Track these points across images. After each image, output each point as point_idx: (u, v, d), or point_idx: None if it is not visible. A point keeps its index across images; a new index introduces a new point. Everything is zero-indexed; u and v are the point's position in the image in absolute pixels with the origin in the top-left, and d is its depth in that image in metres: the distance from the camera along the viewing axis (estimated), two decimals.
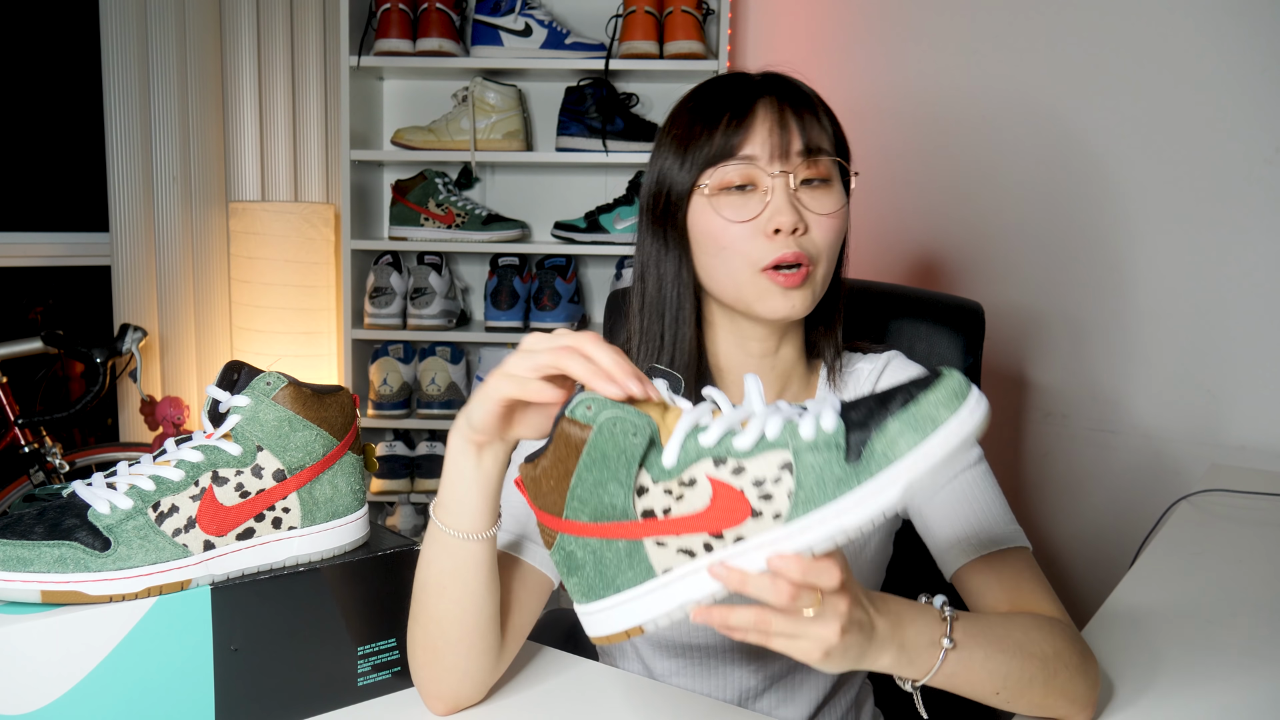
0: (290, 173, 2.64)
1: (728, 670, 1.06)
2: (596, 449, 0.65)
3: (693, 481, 0.65)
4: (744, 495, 0.64)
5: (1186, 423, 1.99)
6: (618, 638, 0.67)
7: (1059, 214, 2.10)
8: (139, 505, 0.78)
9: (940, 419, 0.61)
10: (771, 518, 0.63)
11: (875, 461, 0.61)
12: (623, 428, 0.65)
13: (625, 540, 0.66)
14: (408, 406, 2.51)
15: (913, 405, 0.62)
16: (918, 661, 0.73)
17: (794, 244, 0.93)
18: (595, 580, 0.67)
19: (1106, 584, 1.27)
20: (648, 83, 2.55)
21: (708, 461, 0.64)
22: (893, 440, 0.61)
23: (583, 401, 0.66)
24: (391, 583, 0.90)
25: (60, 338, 2.20)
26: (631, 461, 0.65)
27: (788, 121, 0.94)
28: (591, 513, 0.66)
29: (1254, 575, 1.25)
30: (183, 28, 2.49)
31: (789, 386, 1.05)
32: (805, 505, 0.63)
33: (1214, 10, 1.90)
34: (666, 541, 0.65)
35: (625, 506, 0.65)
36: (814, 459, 0.63)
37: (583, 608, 0.68)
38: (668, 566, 0.65)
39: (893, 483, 0.61)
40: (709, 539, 0.65)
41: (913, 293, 1.39)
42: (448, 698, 0.86)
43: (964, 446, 0.61)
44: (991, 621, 0.80)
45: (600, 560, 0.66)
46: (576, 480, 0.65)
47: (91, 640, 0.75)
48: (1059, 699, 0.81)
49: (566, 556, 0.67)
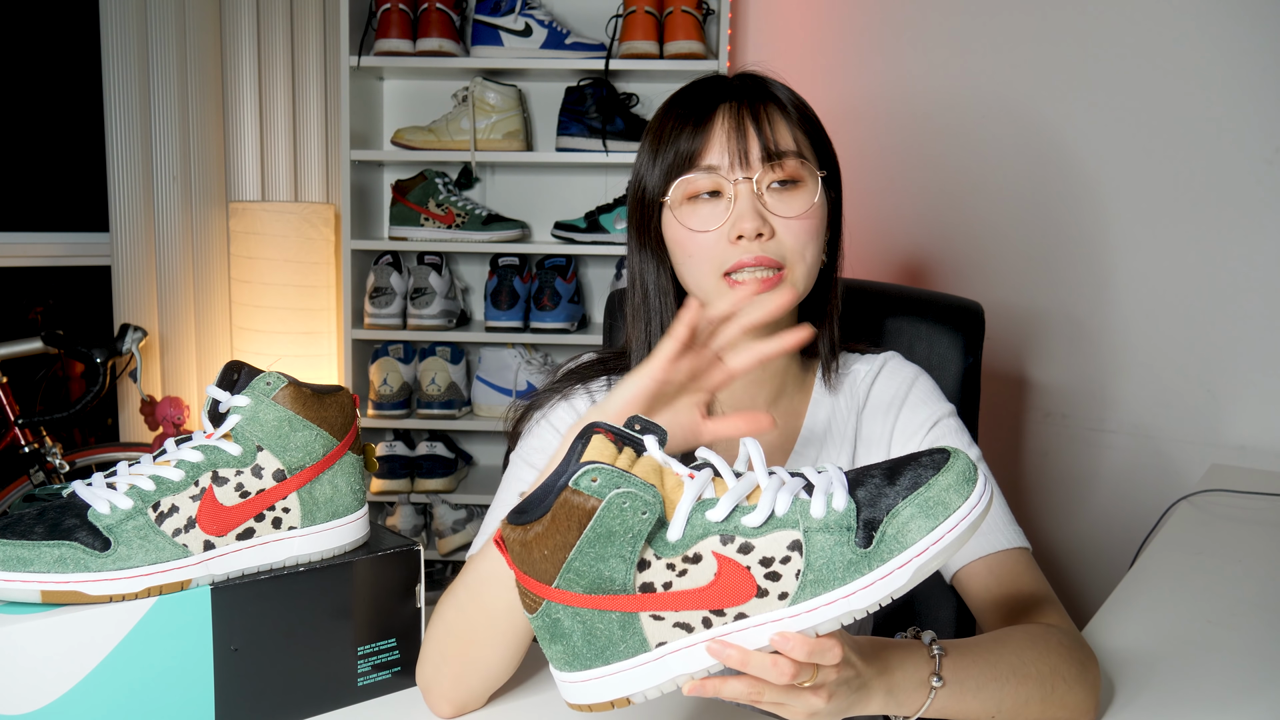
0: (290, 173, 2.64)
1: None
2: (603, 524, 0.61)
3: (698, 558, 0.63)
4: (750, 574, 0.62)
5: (1186, 423, 1.99)
6: (601, 708, 0.65)
7: (1059, 214, 2.10)
8: (139, 505, 0.78)
9: (952, 505, 0.62)
10: (777, 597, 0.63)
11: (887, 547, 0.62)
12: (633, 505, 0.62)
13: (620, 613, 0.63)
14: (408, 406, 2.51)
15: (924, 490, 0.63)
16: (906, 703, 0.73)
17: (757, 249, 0.92)
18: (583, 650, 0.64)
19: (1106, 584, 1.27)
20: (648, 83, 2.55)
21: (715, 538, 0.63)
22: (904, 525, 0.62)
23: (587, 472, 0.62)
24: (391, 583, 0.90)
25: (60, 338, 2.20)
26: (638, 539, 0.62)
27: (745, 127, 0.94)
28: (587, 585, 0.62)
29: (1254, 575, 1.25)
30: (183, 28, 2.49)
31: (783, 391, 1.04)
32: (814, 588, 0.62)
33: (1214, 10, 1.90)
34: (664, 616, 0.63)
35: (625, 581, 0.62)
36: (824, 540, 0.62)
37: (565, 676, 0.65)
38: (662, 640, 0.63)
39: (903, 568, 0.62)
40: (709, 615, 0.63)
41: (912, 293, 1.39)
42: (460, 699, 0.86)
43: (971, 531, 0.63)
44: (983, 648, 0.79)
45: (590, 631, 0.63)
46: (576, 554, 0.62)
47: (91, 640, 0.75)
48: (1058, 711, 0.81)
49: (551, 624, 0.64)
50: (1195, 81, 1.93)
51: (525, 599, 0.65)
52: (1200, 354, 1.97)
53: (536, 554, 0.63)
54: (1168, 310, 1.99)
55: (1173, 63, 1.95)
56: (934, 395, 1.04)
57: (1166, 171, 1.97)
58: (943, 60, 2.22)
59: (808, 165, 0.95)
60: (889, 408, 1.04)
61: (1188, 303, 1.97)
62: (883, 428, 1.04)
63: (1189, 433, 1.98)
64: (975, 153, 2.19)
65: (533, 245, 2.48)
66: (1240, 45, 1.88)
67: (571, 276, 2.48)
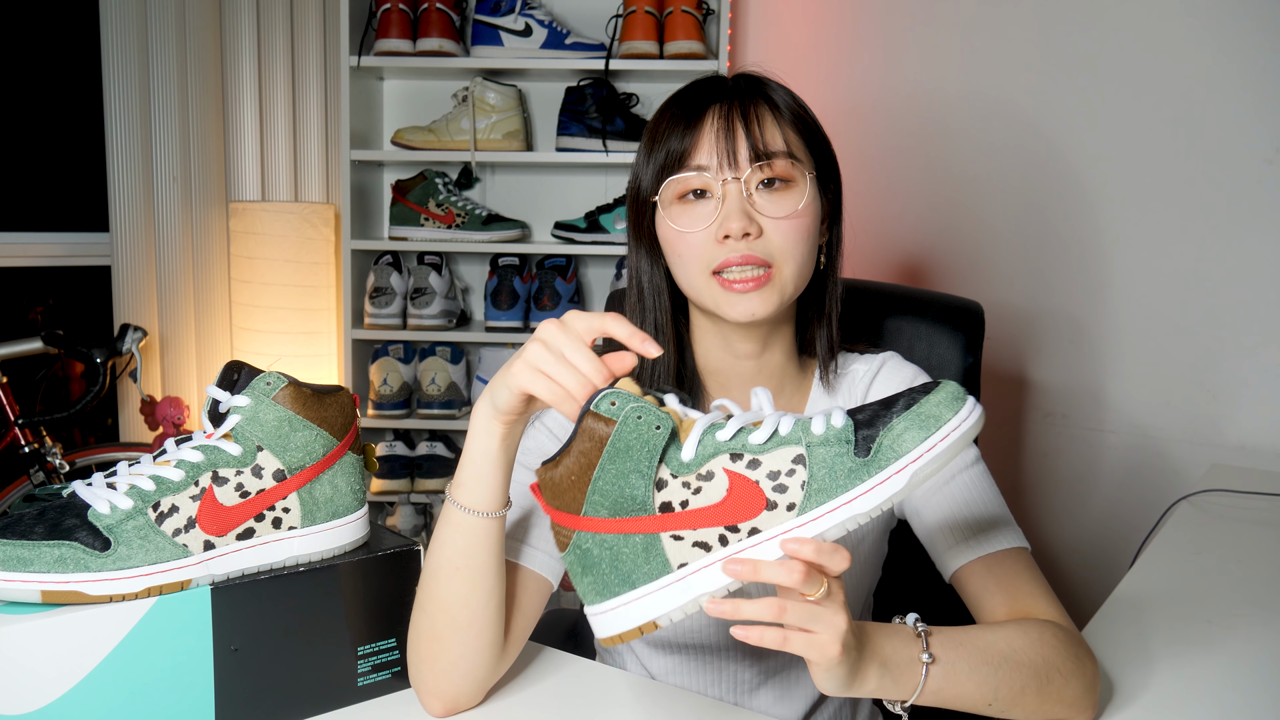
0: (290, 173, 2.64)
1: (724, 666, 1.06)
2: (621, 439, 0.67)
3: (710, 475, 0.67)
4: (759, 487, 0.67)
5: (1186, 423, 1.99)
6: (630, 635, 0.68)
7: (1059, 214, 2.10)
8: (139, 505, 0.78)
9: (943, 418, 0.67)
10: (785, 508, 0.67)
11: (884, 455, 0.66)
12: (647, 419, 0.67)
13: (643, 535, 0.68)
14: (408, 406, 2.51)
15: (917, 406, 0.67)
16: (902, 681, 0.74)
17: (744, 247, 0.93)
18: (610, 577, 0.68)
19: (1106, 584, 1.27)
20: (648, 83, 2.55)
21: (725, 456, 0.68)
22: (899, 436, 0.66)
23: (606, 397, 0.68)
24: (391, 583, 0.90)
25: (60, 338, 2.20)
26: (654, 453, 0.67)
27: (734, 127, 0.94)
28: (611, 506, 0.68)
29: (1254, 575, 1.25)
30: (183, 28, 2.49)
31: (782, 389, 1.05)
32: (818, 496, 0.66)
33: (1214, 9, 1.90)
34: (683, 535, 0.67)
35: (645, 499, 0.67)
36: (825, 453, 0.67)
37: (595, 608, 0.69)
38: (683, 561, 0.68)
39: (900, 473, 0.66)
40: (724, 531, 0.67)
41: (912, 293, 1.39)
42: (447, 696, 0.86)
43: (963, 442, 0.67)
44: (972, 634, 0.80)
45: (617, 556, 0.68)
46: (599, 473, 0.67)
47: (91, 640, 0.75)
48: (1055, 704, 0.81)
49: (582, 555, 0.69)
50: (1196, 82, 1.93)
51: (558, 537, 0.70)
52: (1200, 354, 1.97)
53: (564, 485, 0.69)
54: (1168, 310, 1.99)
55: (1173, 63, 1.95)
56: None
57: (1167, 172, 1.97)
58: (942, 61, 2.22)
59: (799, 165, 0.96)
60: None
61: (1188, 303, 1.97)
62: None
63: (1189, 433, 1.98)
64: (975, 153, 2.19)
65: (533, 245, 2.48)
66: (1240, 45, 1.88)
67: (571, 276, 2.48)
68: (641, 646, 1.09)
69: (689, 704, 0.92)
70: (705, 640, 1.04)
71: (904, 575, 1.23)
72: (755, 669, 1.06)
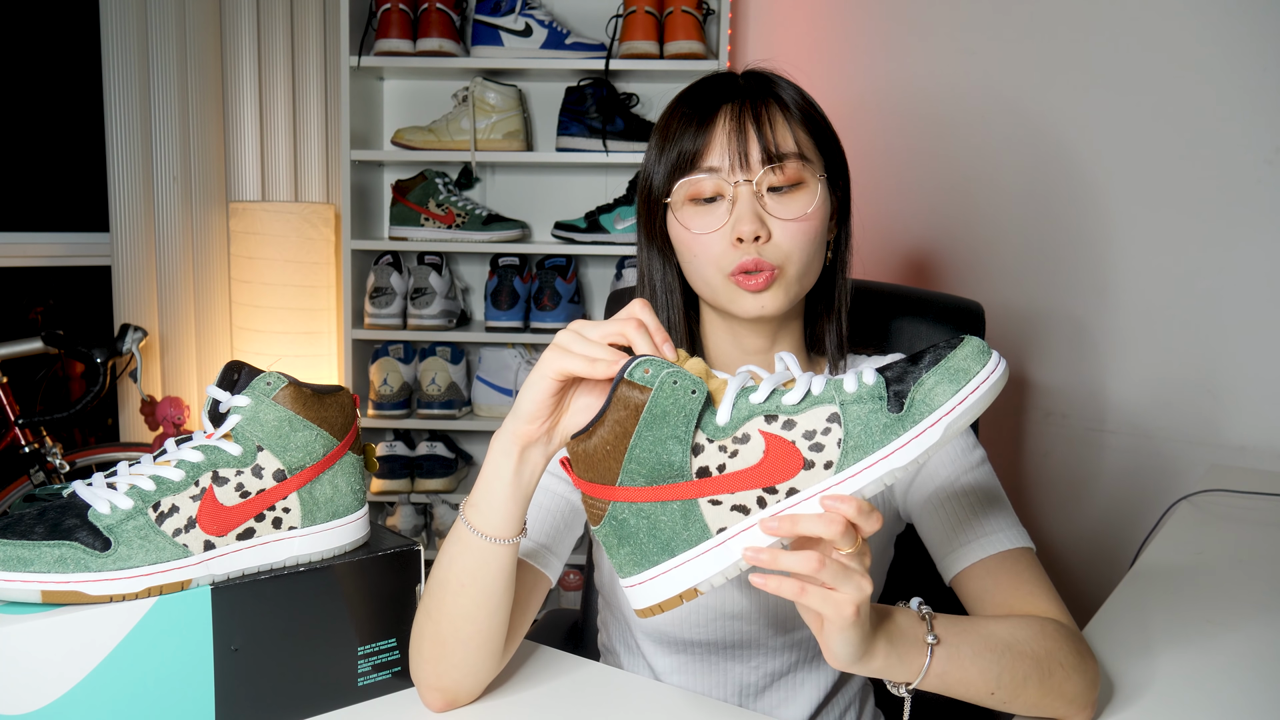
0: (290, 173, 2.64)
1: (729, 667, 1.06)
2: (658, 405, 0.67)
3: (746, 437, 0.67)
4: (796, 447, 0.67)
5: (1186, 423, 1.99)
6: (671, 604, 0.68)
7: (1059, 214, 2.10)
8: (139, 505, 0.78)
9: (972, 371, 0.67)
10: (823, 466, 0.67)
11: (918, 410, 0.67)
12: (683, 384, 0.67)
13: (680, 501, 0.67)
14: (408, 406, 2.51)
15: (945, 361, 0.68)
16: (907, 659, 0.74)
17: (755, 251, 0.94)
18: (649, 546, 0.68)
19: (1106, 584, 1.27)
20: (648, 83, 2.55)
21: (760, 418, 0.68)
22: (931, 390, 0.67)
23: (640, 364, 0.68)
24: (391, 583, 0.90)
25: (60, 338, 2.20)
26: (690, 418, 0.67)
27: (746, 129, 0.95)
28: (648, 474, 0.67)
29: (1254, 575, 1.25)
30: (183, 28, 2.49)
31: None
32: (855, 453, 0.67)
33: (1215, 9, 1.90)
34: (721, 500, 0.67)
35: (683, 464, 0.67)
36: (859, 410, 0.67)
37: (633, 579, 0.69)
38: (722, 526, 0.68)
39: (935, 426, 0.66)
40: (762, 494, 0.67)
41: (913, 293, 1.39)
42: (447, 692, 0.86)
43: (992, 393, 0.67)
44: (975, 621, 0.81)
45: (655, 525, 0.68)
46: (635, 440, 0.67)
47: (91, 640, 0.75)
48: (1056, 698, 0.81)
49: (618, 526, 0.68)
50: (1196, 82, 1.93)
51: (591, 510, 0.69)
52: (1200, 354, 1.97)
53: (598, 456, 0.68)
54: (1168, 310, 1.99)
55: (1174, 63, 1.95)
56: None
57: (1167, 171, 1.97)
58: (942, 61, 2.22)
59: (809, 167, 0.96)
60: None
61: (1188, 302, 1.97)
62: None
63: (1189, 433, 1.98)
64: (974, 153, 2.19)
65: (533, 245, 2.48)
66: (1241, 45, 1.88)
67: (572, 276, 2.48)
68: (646, 644, 1.09)
69: (690, 704, 0.92)
70: (709, 639, 1.04)
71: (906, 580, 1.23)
72: (760, 671, 1.06)
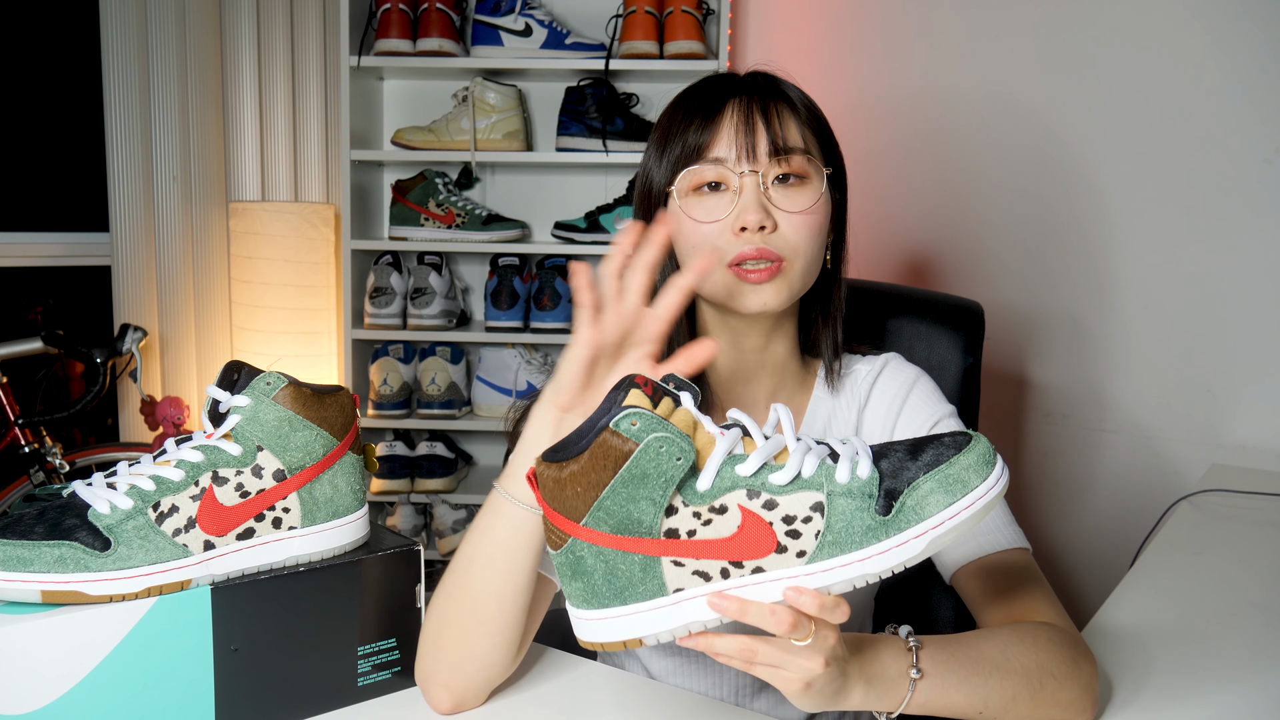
0: (290, 173, 2.64)
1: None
2: (639, 466, 0.64)
3: (724, 509, 0.65)
4: (772, 530, 0.65)
5: (1186, 423, 1.99)
6: (613, 647, 0.67)
7: (1059, 214, 2.10)
8: (139, 505, 0.78)
9: (971, 484, 0.65)
10: (795, 555, 0.65)
11: (905, 517, 0.64)
12: (669, 450, 0.64)
13: (643, 555, 0.65)
14: (408, 406, 2.51)
15: (945, 466, 0.65)
16: (886, 696, 0.74)
17: (759, 240, 0.93)
18: (603, 589, 0.66)
19: (1106, 584, 1.27)
20: (648, 83, 2.55)
21: (742, 492, 0.65)
22: (923, 498, 0.65)
23: (628, 415, 0.65)
24: (391, 583, 0.90)
25: (60, 338, 2.20)
26: (670, 484, 0.64)
27: (754, 120, 0.95)
28: (615, 525, 0.65)
29: (1254, 575, 1.25)
30: (183, 28, 2.49)
31: (783, 384, 1.05)
32: (831, 549, 0.65)
33: (1215, 9, 1.90)
34: (685, 563, 0.65)
35: (653, 524, 0.65)
36: (846, 505, 0.65)
37: (581, 613, 0.67)
38: (680, 586, 0.65)
39: (919, 538, 0.64)
40: (728, 565, 0.65)
41: (912, 293, 1.39)
42: (456, 689, 0.86)
43: (986, 510, 0.65)
44: (964, 643, 0.80)
45: (612, 571, 0.65)
46: (609, 492, 0.64)
47: (91, 640, 0.75)
48: (1050, 708, 0.80)
49: (575, 561, 0.66)
50: (1196, 81, 1.93)
51: (551, 535, 0.67)
52: (1200, 354, 1.97)
53: (569, 490, 0.65)
54: (1168, 310, 2.00)
55: (1174, 63, 1.95)
56: (934, 396, 1.05)
57: (1167, 171, 1.97)
58: (942, 62, 2.22)
59: (814, 162, 0.96)
60: (890, 408, 1.04)
61: (1188, 302, 1.97)
62: (883, 428, 1.04)
63: (1189, 433, 1.98)
64: (974, 153, 2.19)
65: (533, 245, 2.48)
66: (1241, 45, 1.88)
67: None
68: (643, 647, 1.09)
69: (690, 705, 0.92)
70: None
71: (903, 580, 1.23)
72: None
